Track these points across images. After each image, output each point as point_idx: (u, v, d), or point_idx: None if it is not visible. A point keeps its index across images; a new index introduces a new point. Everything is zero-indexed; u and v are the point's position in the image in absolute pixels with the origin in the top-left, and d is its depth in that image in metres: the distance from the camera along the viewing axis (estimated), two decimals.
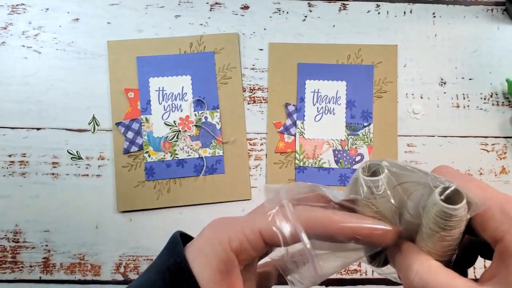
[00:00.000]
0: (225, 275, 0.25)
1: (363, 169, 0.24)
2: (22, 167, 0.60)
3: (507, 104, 0.62)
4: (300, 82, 0.62)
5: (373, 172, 0.24)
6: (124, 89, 0.61)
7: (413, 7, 0.64)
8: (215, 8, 0.63)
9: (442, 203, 0.22)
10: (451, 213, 0.21)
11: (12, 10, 0.62)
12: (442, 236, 0.22)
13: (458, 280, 0.21)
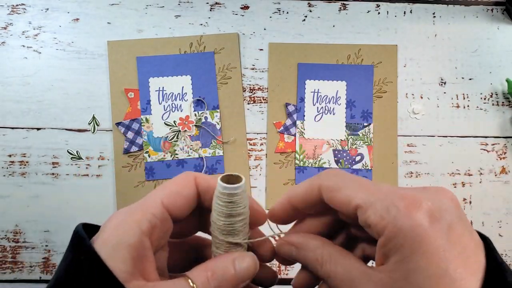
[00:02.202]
0: (137, 261, 0.25)
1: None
2: (22, 167, 0.60)
3: (507, 104, 0.62)
4: (300, 82, 0.62)
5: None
6: (124, 89, 0.61)
7: (413, 7, 0.64)
8: (215, 8, 0.63)
9: (221, 183, 0.26)
10: (230, 192, 0.26)
11: (12, 10, 0.62)
12: (229, 214, 0.27)
13: (354, 267, 0.25)
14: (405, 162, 0.61)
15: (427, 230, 0.22)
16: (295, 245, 0.29)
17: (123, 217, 0.25)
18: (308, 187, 0.29)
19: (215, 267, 0.27)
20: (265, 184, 0.61)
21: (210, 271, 0.26)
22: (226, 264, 0.27)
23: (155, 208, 0.26)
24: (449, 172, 0.61)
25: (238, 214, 0.27)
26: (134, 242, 0.24)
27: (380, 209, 0.24)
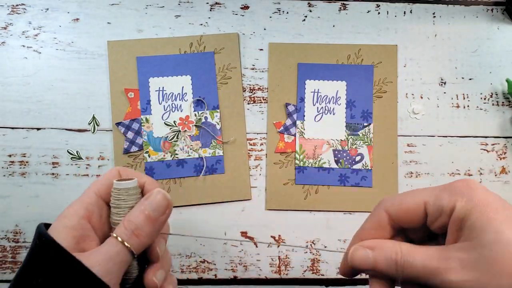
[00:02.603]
0: (79, 239, 0.32)
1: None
2: (22, 167, 0.60)
3: (507, 104, 0.62)
4: (300, 82, 0.62)
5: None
6: (124, 89, 0.61)
7: (413, 7, 0.64)
8: (215, 8, 0.63)
9: (115, 181, 0.35)
10: (120, 188, 0.34)
11: (12, 10, 0.62)
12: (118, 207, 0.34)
13: (430, 252, 0.28)
14: (405, 162, 0.61)
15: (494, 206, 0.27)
16: (370, 248, 0.31)
17: (66, 210, 0.33)
18: (374, 217, 0.33)
19: (130, 215, 0.33)
20: (265, 184, 0.61)
21: (126, 220, 0.33)
22: (137, 208, 0.33)
23: (90, 197, 0.34)
24: (449, 172, 0.61)
25: (118, 206, 0.35)
26: (73, 225, 0.32)
27: (445, 191, 0.29)
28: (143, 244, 0.32)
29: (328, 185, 0.60)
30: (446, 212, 0.29)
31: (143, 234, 0.32)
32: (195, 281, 0.59)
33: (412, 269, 0.28)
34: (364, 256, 0.31)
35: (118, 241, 0.31)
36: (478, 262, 0.26)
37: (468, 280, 0.26)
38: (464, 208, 0.28)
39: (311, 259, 0.59)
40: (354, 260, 0.31)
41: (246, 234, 0.60)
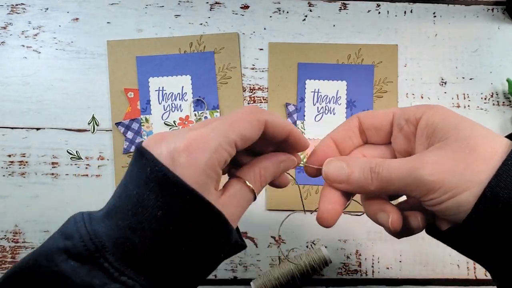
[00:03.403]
0: (216, 186, 0.29)
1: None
2: (22, 167, 0.60)
3: (508, 104, 0.62)
4: (300, 82, 0.62)
5: None
6: (124, 89, 0.61)
7: (413, 6, 0.64)
8: (215, 7, 0.63)
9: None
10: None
11: (12, 10, 0.62)
12: None
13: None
14: None
15: (459, 115, 0.29)
16: (344, 160, 0.32)
17: (206, 154, 0.27)
18: (347, 122, 0.35)
19: (266, 170, 0.32)
20: None
21: (262, 176, 0.32)
22: (274, 167, 0.32)
23: (231, 148, 0.28)
24: None
25: None
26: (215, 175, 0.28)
27: (413, 107, 0.31)
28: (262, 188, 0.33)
29: None
30: (412, 120, 0.30)
31: (266, 182, 0.33)
32: None
33: (387, 172, 0.29)
34: (339, 167, 0.32)
35: (252, 193, 0.31)
36: (454, 154, 0.27)
37: (444, 170, 0.27)
38: (433, 116, 0.29)
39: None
40: (329, 172, 0.32)
41: (246, 235, 0.60)
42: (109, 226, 0.26)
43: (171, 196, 0.25)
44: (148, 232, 0.25)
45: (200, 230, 0.26)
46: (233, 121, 0.29)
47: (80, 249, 0.25)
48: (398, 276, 0.59)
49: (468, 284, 0.59)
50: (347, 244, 0.59)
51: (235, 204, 0.29)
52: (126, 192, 0.27)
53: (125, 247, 0.25)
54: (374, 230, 0.60)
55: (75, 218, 0.27)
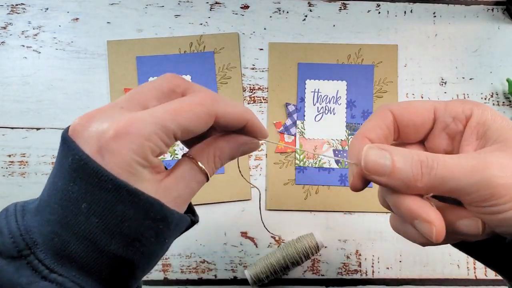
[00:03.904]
0: (155, 174, 0.27)
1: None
2: (22, 167, 0.60)
3: (508, 104, 0.62)
4: (300, 82, 0.62)
5: None
6: (124, 89, 0.61)
7: (413, 6, 0.64)
8: (215, 7, 0.63)
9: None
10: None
11: (12, 10, 0.62)
12: None
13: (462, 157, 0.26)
14: None
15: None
16: (387, 150, 0.27)
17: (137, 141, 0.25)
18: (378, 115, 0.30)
19: (222, 151, 0.30)
20: (265, 184, 0.60)
21: (217, 156, 0.29)
22: (232, 150, 0.30)
23: (168, 138, 0.26)
24: None
25: None
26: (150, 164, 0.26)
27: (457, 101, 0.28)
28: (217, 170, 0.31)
29: (328, 185, 0.60)
30: (460, 118, 0.27)
31: (222, 164, 0.31)
32: (195, 281, 0.59)
33: (443, 169, 0.25)
34: (381, 156, 0.26)
35: (203, 173, 0.29)
36: None
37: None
38: (482, 115, 0.26)
39: (311, 259, 0.59)
40: (368, 161, 0.26)
41: (246, 235, 0.60)
42: (40, 221, 0.25)
43: (93, 186, 0.24)
44: (74, 226, 0.25)
45: (129, 219, 0.25)
46: (176, 108, 0.26)
47: (9, 246, 0.24)
48: (398, 276, 0.59)
49: (468, 284, 0.59)
50: (347, 244, 0.60)
51: (182, 186, 0.28)
52: (53, 184, 0.26)
53: (55, 243, 0.25)
54: (374, 230, 0.60)
55: (7, 210, 0.26)
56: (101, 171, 0.24)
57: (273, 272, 0.55)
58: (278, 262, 0.55)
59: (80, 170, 0.24)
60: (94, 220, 0.25)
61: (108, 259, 0.25)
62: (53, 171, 0.27)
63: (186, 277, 0.59)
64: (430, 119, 0.29)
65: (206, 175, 0.29)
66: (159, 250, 0.28)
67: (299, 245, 0.56)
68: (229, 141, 0.30)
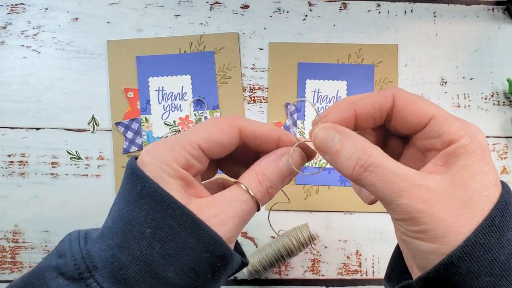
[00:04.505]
0: (189, 188, 0.27)
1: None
2: (22, 167, 0.60)
3: (508, 104, 0.62)
4: (301, 81, 0.62)
5: None
6: (124, 88, 0.61)
7: (413, 6, 0.64)
8: (215, 7, 0.63)
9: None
10: None
11: (12, 10, 0.62)
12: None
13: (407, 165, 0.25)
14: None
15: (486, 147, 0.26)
16: (341, 132, 0.27)
17: (163, 152, 0.27)
18: (380, 94, 0.28)
19: (264, 168, 0.29)
20: None
21: (260, 174, 0.29)
22: (274, 163, 0.29)
23: (192, 148, 0.28)
24: None
25: None
26: (177, 175, 0.27)
27: (456, 122, 0.26)
28: (268, 200, 0.29)
29: (328, 185, 0.60)
30: (444, 139, 0.26)
31: (274, 192, 0.29)
32: None
33: (374, 177, 0.25)
34: (331, 137, 0.27)
35: (247, 193, 0.28)
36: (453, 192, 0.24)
37: (434, 212, 0.24)
38: (466, 147, 0.25)
39: (311, 259, 0.59)
40: (317, 137, 0.28)
41: (246, 235, 0.60)
42: (101, 247, 0.26)
43: (160, 212, 0.25)
44: (135, 250, 0.25)
45: (189, 248, 0.25)
46: (200, 126, 0.29)
47: (71, 268, 0.25)
48: None
49: None
50: (347, 244, 0.59)
51: (223, 205, 0.27)
52: (119, 211, 0.27)
53: (114, 267, 0.25)
54: (374, 230, 0.60)
55: (70, 236, 0.27)
56: (170, 198, 0.25)
57: (269, 263, 0.56)
58: (274, 252, 0.56)
59: (148, 197, 0.26)
60: (157, 246, 0.25)
61: (163, 285, 0.25)
62: (117, 200, 0.28)
63: None
64: (422, 125, 0.28)
65: (252, 197, 0.28)
66: (212, 287, 0.27)
67: (294, 235, 0.56)
68: (267, 156, 0.30)
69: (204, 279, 0.26)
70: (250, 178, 0.29)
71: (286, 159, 0.29)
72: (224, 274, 0.28)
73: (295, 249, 0.56)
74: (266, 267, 0.56)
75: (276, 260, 0.56)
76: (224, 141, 0.28)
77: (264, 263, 0.56)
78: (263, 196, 0.29)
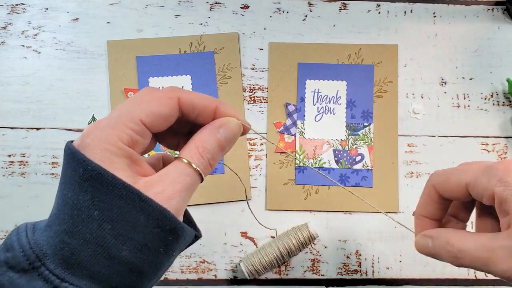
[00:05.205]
0: (134, 165, 0.27)
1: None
2: (22, 167, 0.60)
3: (508, 104, 0.62)
4: (300, 82, 0.62)
5: None
6: (124, 89, 0.61)
7: (413, 6, 0.64)
8: (215, 7, 0.63)
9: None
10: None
11: (12, 10, 0.62)
12: None
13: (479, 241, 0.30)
14: (405, 162, 0.61)
15: None
16: (430, 237, 0.33)
17: (105, 132, 0.27)
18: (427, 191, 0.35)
19: (204, 141, 0.30)
20: (265, 184, 0.60)
21: (200, 147, 0.29)
22: (213, 135, 0.30)
23: (135, 124, 0.27)
24: None
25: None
26: (122, 153, 0.27)
27: (487, 179, 0.29)
28: (210, 171, 0.30)
29: (328, 185, 0.60)
30: (487, 197, 0.29)
31: (215, 162, 0.30)
32: (195, 281, 0.59)
33: (464, 260, 0.30)
34: (425, 245, 0.33)
35: (190, 167, 0.28)
36: None
37: None
38: (503, 193, 0.28)
39: (311, 259, 0.59)
40: (417, 248, 0.34)
41: (246, 235, 0.60)
42: (49, 234, 0.26)
43: (106, 193, 0.25)
44: (86, 233, 0.25)
45: (140, 225, 0.26)
46: (139, 100, 0.28)
47: (20, 259, 0.25)
48: (398, 276, 0.59)
49: (468, 284, 0.59)
50: (347, 244, 0.60)
51: (168, 181, 0.27)
52: (62, 197, 0.27)
53: (64, 252, 0.25)
54: (374, 230, 0.60)
55: (18, 229, 0.27)
56: (115, 179, 0.25)
57: (269, 263, 0.56)
58: (274, 252, 0.56)
59: (92, 180, 0.25)
60: (107, 226, 0.25)
61: (118, 265, 0.26)
62: (60, 186, 0.27)
63: (186, 277, 0.59)
64: (466, 195, 0.32)
65: (195, 170, 0.29)
66: (166, 261, 0.28)
67: (294, 235, 0.56)
68: (205, 128, 0.30)
69: (157, 254, 0.27)
70: (192, 152, 0.29)
71: (223, 130, 0.30)
72: (177, 247, 0.28)
73: (294, 248, 0.56)
74: (266, 267, 0.56)
75: (276, 259, 0.56)
76: (166, 113, 0.28)
77: (264, 263, 0.56)
78: (206, 168, 0.30)
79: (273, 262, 0.56)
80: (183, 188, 0.28)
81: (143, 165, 0.28)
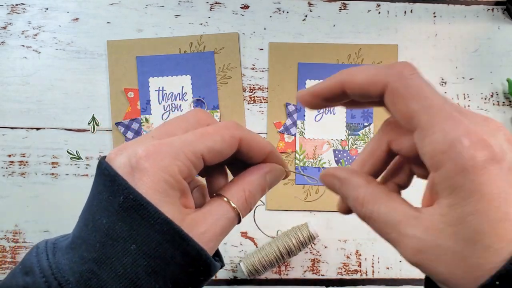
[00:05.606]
0: (182, 199, 0.26)
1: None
2: (22, 167, 0.60)
3: (508, 104, 0.62)
4: (300, 82, 0.62)
5: None
6: (124, 89, 0.61)
7: (413, 6, 0.64)
8: (215, 7, 0.63)
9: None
10: None
11: (12, 10, 0.62)
12: None
13: (399, 208, 0.24)
14: None
15: (490, 172, 0.20)
16: (338, 179, 0.28)
17: (166, 160, 0.25)
18: (372, 78, 0.26)
19: (252, 185, 0.29)
20: None
21: (247, 191, 0.29)
22: (259, 180, 0.30)
23: (196, 158, 0.26)
24: None
25: None
26: (178, 187, 0.25)
27: (442, 140, 0.21)
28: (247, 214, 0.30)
29: None
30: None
31: (254, 206, 0.30)
32: None
33: (373, 219, 0.25)
34: (331, 184, 0.29)
35: (234, 211, 0.28)
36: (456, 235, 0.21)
37: (432, 258, 0.21)
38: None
39: (311, 259, 0.59)
40: (323, 183, 0.29)
41: (246, 235, 0.60)
42: (73, 259, 0.24)
43: (146, 227, 0.24)
44: (118, 267, 0.24)
45: (175, 264, 0.25)
46: (203, 133, 0.27)
47: (41, 286, 0.23)
48: (398, 276, 0.59)
49: None
50: (347, 244, 0.60)
51: (210, 222, 0.27)
52: (94, 221, 0.25)
53: (92, 284, 0.24)
54: None
55: (38, 248, 0.25)
56: (158, 213, 0.24)
57: (269, 263, 0.56)
58: (274, 252, 0.56)
59: (133, 210, 0.24)
60: (143, 263, 0.24)
61: None
62: (91, 208, 0.26)
63: None
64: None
65: (238, 213, 0.28)
66: None
67: (294, 235, 0.56)
68: (254, 171, 0.30)
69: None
70: (238, 194, 0.29)
71: (270, 176, 0.30)
72: (204, 284, 0.28)
73: (294, 248, 0.56)
74: (266, 266, 0.56)
75: (276, 259, 0.56)
76: (226, 152, 0.28)
77: (264, 263, 0.56)
78: (245, 211, 0.29)
79: (273, 262, 0.56)
80: (223, 231, 0.27)
81: (188, 197, 0.27)
